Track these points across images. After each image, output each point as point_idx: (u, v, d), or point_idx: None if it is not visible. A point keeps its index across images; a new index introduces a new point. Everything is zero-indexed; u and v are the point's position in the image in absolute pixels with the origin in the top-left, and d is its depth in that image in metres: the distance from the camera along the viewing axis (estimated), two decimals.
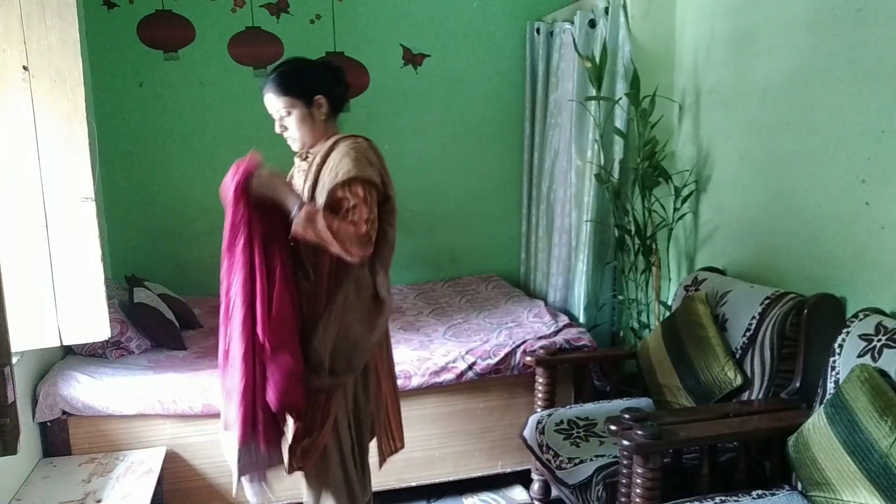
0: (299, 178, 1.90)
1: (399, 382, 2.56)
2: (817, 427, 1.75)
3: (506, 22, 3.79)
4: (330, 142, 1.84)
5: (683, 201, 2.83)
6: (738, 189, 2.64)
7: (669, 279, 2.99)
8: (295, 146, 1.92)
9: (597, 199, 3.12)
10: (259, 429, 1.70)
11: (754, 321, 2.19)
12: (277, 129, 1.89)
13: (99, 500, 2.07)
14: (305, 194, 1.81)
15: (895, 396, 1.63)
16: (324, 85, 1.85)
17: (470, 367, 2.65)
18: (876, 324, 1.82)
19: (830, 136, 2.17)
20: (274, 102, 1.83)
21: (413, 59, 3.75)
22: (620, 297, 3.17)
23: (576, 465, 2.13)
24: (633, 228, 2.92)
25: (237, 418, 1.67)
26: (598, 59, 2.90)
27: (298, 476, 1.90)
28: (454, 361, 2.65)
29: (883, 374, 1.71)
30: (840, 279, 2.15)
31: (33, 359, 2.42)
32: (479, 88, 3.84)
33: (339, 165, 1.75)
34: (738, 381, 2.16)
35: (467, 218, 3.95)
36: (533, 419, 2.46)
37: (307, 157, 1.91)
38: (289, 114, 1.84)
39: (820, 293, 2.14)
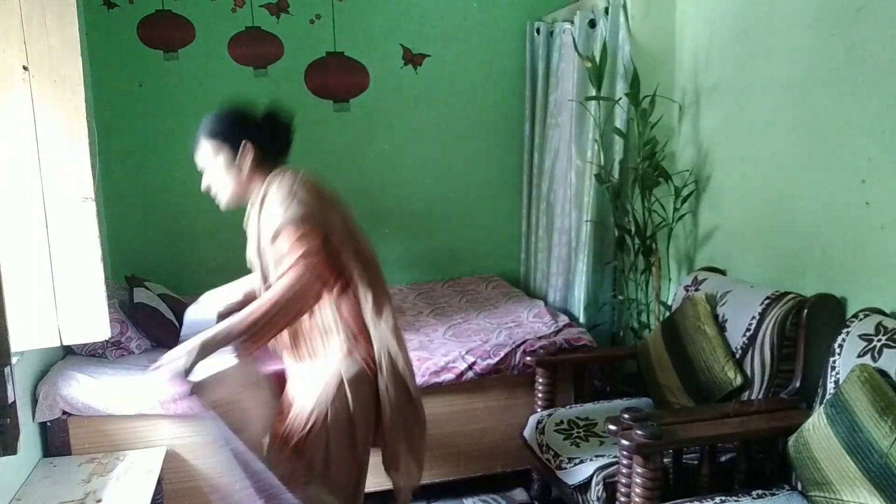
0: (250, 230, 1.81)
1: None
2: (817, 427, 1.75)
3: (506, 22, 3.79)
4: (264, 185, 1.75)
5: (683, 201, 2.83)
6: (737, 189, 2.64)
7: (669, 279, 2.99)
8: (221, 203, 1.82)
9: (597, 199, 3.12)
10: None
11: (754, 321, 2.20)
12: (203, 187, 1.81)
13: (99, 500, 2.06)
14: (253, 248, 1.77)
15: (895, 396, 1.63)
16: (250, 127, 1.77)
17: (470, 367, 2.65)
18: (876, 324, 1.82)
19: (830, 136, 2.17)
20: (201, 151, 1.79)
21: (413, 59, 3.75)
22: (620, 297, 3.17)
23: (576, 465, 2.13)
24: (633, 228, 2.92)
25: None
26: (598, 59, 2.90)
27: None
28: (454, 361, 2.65)
29: (883, 374, 1.71)
30: (840, 279, 2.15)
31: (33, 359, 2.42)
32: (479, 88, 3.83)
33: (272, 213, 1.66)
34: (738, 381, 2.16)
35: (467, 218, 3.95)
36: (533, 419, 2.46)
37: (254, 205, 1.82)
38: (215, 160, 1.77)
39: (820, 293, 2.15)
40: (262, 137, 1.77)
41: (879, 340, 1.78)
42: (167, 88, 3.51)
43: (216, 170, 1.78)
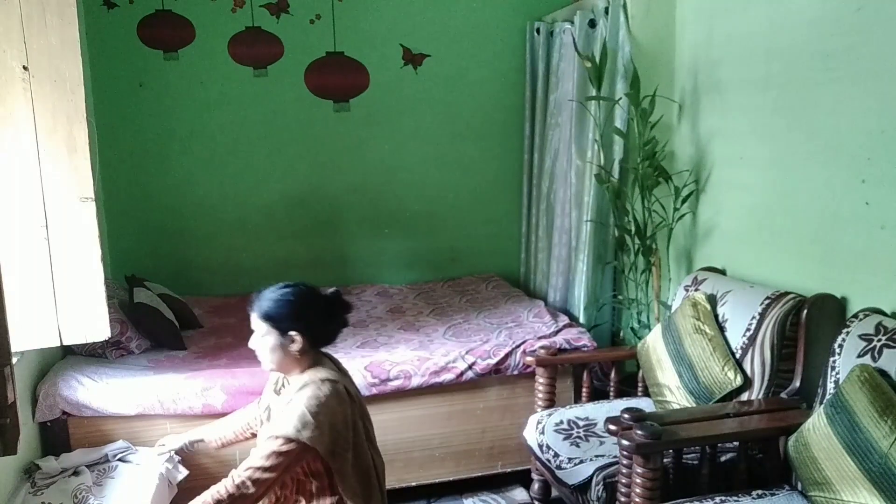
0: (274, 408, 1.84)
1: (399, 382, 2.58)
2: (817, 427, 1.75)
3: (506, 22, 3.79)
4: (301, 381, 1.76)
5: (683, 201, 2.83)
6: (737, 189, 2.64)
7: (669, 279, 2.99)
8: (264, 366, 1.85)
9: (597, 199, 3.12)
10: None
11: (754, 321, 2.19)
12: (250, 344, 1.83)
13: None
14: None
15: (895, 396, 1.63)
16: (305, 321, 1.76)
17: (470, 366, 2.65)
18: (876, 324, 1.82)
19: (830, 136, 2.17)
20: (254, 321, 1.79)
21: (413, 59, 3.75)
22: (620, 297, 3.17)
23: (576, 465, 2.13)
24: (633, 228, 2.92)
25: None
26: (598, 59, 2.90)
27: None
28: (454, 361, 2.65)
29: (883, 374, 1.71)
30: (840, 279, 2.15)
31: (33, 359, 2.42)
32: (479, 88, 3.84)
33: (288, 414, 1.68)
34: (738, 381, 2.16)
35: (467, 218, 3.95)
36: (533, 419, 2.46)
37: (280, 392, 1.87)
38: (263, 337, 1.78)
39: (820, 293, 2.15)
40: (313, 331, 1.78)
41: (879, 340, 1.78)
42: (167, 88, 3.51)
43: (264, 344, 1.79)
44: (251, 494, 1.62)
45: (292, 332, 1.75)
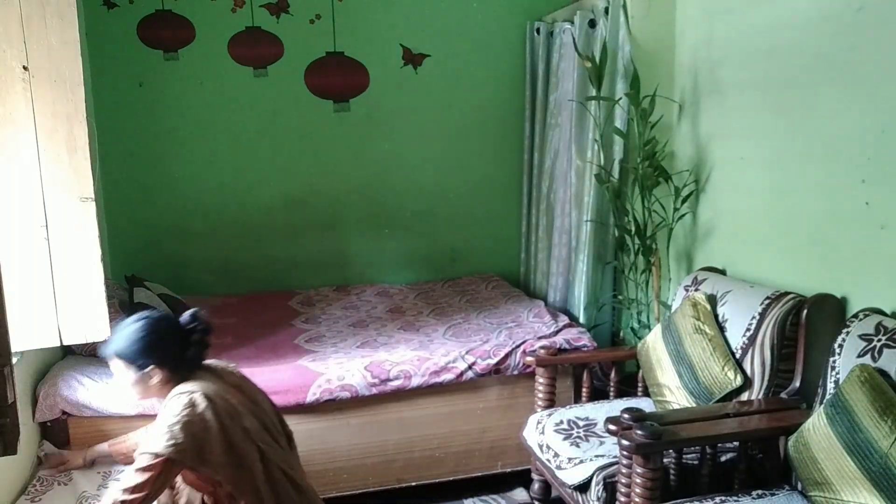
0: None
1: (399, 382, 2.58)
2: (817, 427, 1.75)
3: (506, 22, 3.79)
4: (169, 397, 1.73)
5: (683, 201, 2.83)
6: (737, 189, 2.64)
7: (669, 279, 2.99)
8: (133, 399, 1.84)
9: (597, 199, 3.12)
10: None
11: (754, 321, 2.20)
12: (114, 379, 1.83)
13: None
14: None
15: (895, 396, 1.63)
16: (159, 354, 1.75)
17: (470, 367, 2.65)
18: (876, 324, 1.82)
19: (830, 136, 2.17)
20: (111, 364, 1.80)
21: (413, 59, 3.75)
22: (620, 297, 3.17)
23: (576, 465, 2.13)
24: (633, 228, 2.92)
25: None
26: (598, 59, 2.90)
27: None
28: (454, 361, 2.65)
29: (883, 374, 1.71)
30: (840, 279, 2.15)
31: (33, 359, 2.42)
32: (479, 88, 3.84)
33: (154, 430, 1.66)
34: (738, 381, 2.16)
35: (467, 218, 3.95)
36: (533, 419, 2.47)
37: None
38: (121, 374, 1.78)
39: (820, 293, 2.15)
40: (170, 362, 1.77)
41: (879, 340, 1.78)
42: (167, 88, 3.51)
43: (125, 381, 1.78)
44: None
45: (149, 368, 1.74)
